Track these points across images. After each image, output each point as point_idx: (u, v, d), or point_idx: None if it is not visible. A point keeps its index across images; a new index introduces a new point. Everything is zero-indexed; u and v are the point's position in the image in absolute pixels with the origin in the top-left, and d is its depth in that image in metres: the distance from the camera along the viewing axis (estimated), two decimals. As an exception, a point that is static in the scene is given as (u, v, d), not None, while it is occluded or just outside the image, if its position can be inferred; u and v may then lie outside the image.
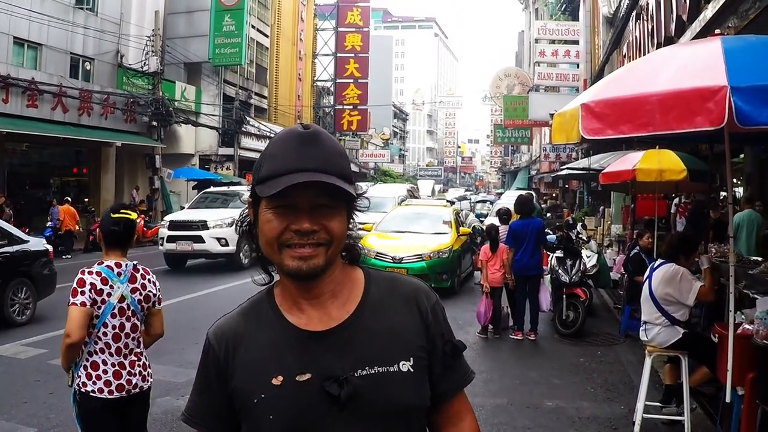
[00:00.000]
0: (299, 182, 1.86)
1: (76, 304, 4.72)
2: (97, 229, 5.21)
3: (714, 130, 5.00)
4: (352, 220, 2.09)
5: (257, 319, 2.10)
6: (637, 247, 13.20)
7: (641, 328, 8.12)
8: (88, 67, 34.14)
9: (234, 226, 18.13)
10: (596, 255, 15.58)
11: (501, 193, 62.13)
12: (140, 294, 5.09)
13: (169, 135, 37.36)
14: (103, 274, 4.88)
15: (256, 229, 2.05)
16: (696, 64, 5.38)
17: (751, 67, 5.16)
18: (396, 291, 2.16)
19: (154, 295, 5.26)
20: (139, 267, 5.20)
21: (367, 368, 2.00)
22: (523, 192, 25.15)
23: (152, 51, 35.54)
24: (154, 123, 35.36)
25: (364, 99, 65.80)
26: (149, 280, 5.23)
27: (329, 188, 1.91)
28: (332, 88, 67.86)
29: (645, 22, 17.12)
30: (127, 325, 4.98)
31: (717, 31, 7.21)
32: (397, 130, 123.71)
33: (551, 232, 20.29)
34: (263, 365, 2.02)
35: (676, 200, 18.27)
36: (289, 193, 1.88)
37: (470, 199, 49.27)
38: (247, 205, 2.11)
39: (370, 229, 19.50)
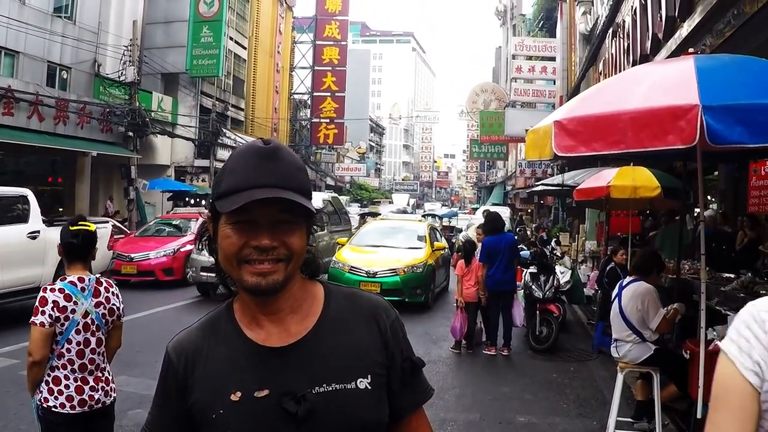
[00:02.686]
0: (259, 198, 1.86)
1: (36, 324, 4.68)
2: (59, 244, 5.13)
3: (686, 148, 5.05)
4: (311, 235, 2.09)
5: (216, 333, 2.09)
6: (612, 263, 13.26)
7: (612, 345, 8.16)
8: (65, 76, 33.92)
9: None
10: (570, 271, 15.63)
11: (476, 208, 62.12)
12: (104, 308, 5.05)
13: (145, 146, 37.14)
14: (67, 291, 4.82)
15: (216, 244, 2.04)
16: (669, 83, 5.43)
17: (724, 86, 5.20)
18: (355, 307, 2.16)
19: (118, 308, 5.21)
20: (102, 280, 5.16)
21: (324, 385, 2.00)
22: (491, 209, 25.22)
23: (130, 61, 35.30)
24: (130, 133, 35.08)
25: (341, 112, 65.79)
26: (113, 293, 5.18)
27: (289, 204, 1.91)
28: (309, 101, 67.84)
29: (621, 40, 17.26)
30: (92, 341, 4.94)
31: (691, 50, 7.27)
32: (373, 144, 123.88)
33: (525, 248, 20.36)
34: (222, 381, 2.01)
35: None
36: (249, 209, 1.87)
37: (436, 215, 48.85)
38: (206, 220, 2.10)
39: (345, 243, 19.53)
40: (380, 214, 32.11)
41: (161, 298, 18.31)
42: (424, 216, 37.60)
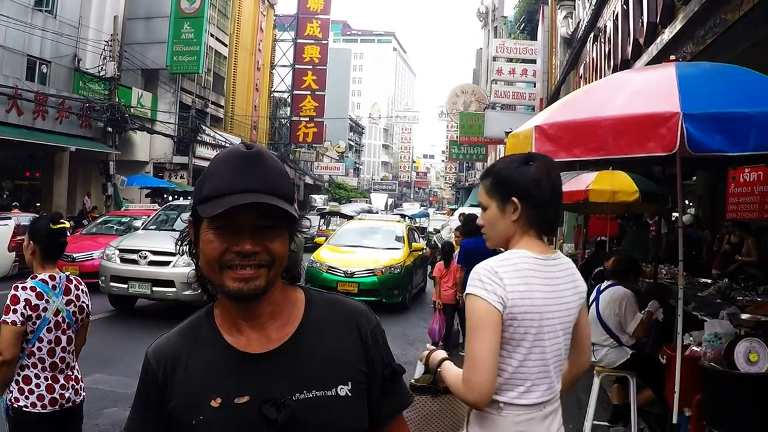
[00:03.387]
0: (242, 203, 1.86)
1: (8, 323, 4.63)
2: (29, 243, 5.03)
3: (666, 155, 5.07)
4: (293, 241, 2.08)
5: (196, 339, 2.08)
6: (602, 267, 13.28)
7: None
8: (44, 70, 33.72)
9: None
10: (547, 274, 15.66)
11: (454, 209, 62.13)
12: (75, 306, 5.01)
13: (124, 141, 37.01)
14: (38, 289, 4.78)
15: (197, 249, 2.03)
16: (650, 90, 5.44)
17: (704, 94, 5.22)
18: (336, 313, 2.16)
19: (88, 306, 5.18)
20: (72, 277, 5.12)
21: (305, 392, 2.00)
22: (469, 210, 25.20)
23: (110, 56, 35.18)
24: (110, 129, 35.00)
25: (321, 111, 65.73)
26: (82, 291, 5.15)
27: (272, 209, 1.90)
28: (289, 100, 67.72)
29: (602, 44, 17.28)
30: (63, 339, 4.90)
31: (672, 57, 7.30)
32: (352, 144, 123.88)
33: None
34: (202, 387, 2.00)
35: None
36: (231, 214, 1.87)
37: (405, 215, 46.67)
38: (187, 224, 2.09)
39: (323, 243, 19.52)
40: (342, 213, 32.14)
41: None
42: None
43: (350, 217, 31.77)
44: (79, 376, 5.12)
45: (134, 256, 15.36)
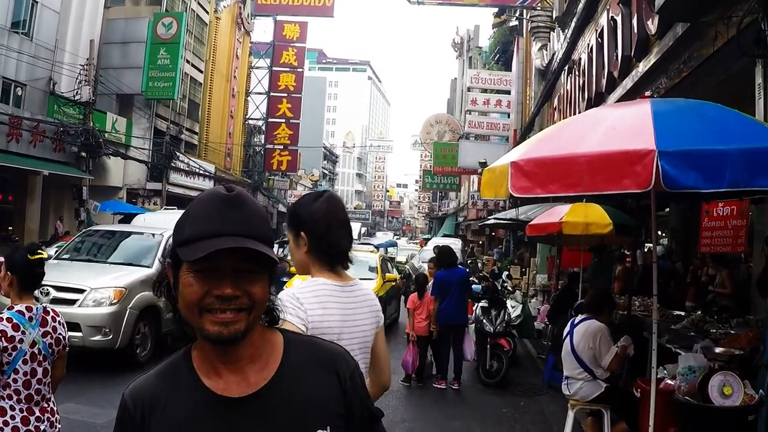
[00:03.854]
0: (224, 248, 1.86)
1: None
2: (6, 274, 4.98)
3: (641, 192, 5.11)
4: (272, 285, 2.07)
5: (174, 381, 2.06)
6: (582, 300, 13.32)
7: (563, 382, 8.21)
8: (19, 93, 33.43)
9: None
10: (521, 305, 15.73)
11: (427, 239, 62.13)
12: (51, 338, 4.94)
13: (98, 166, 36.75)
14: (15, 320, 4.73)
15: (175, 291, 2.01)
16: (625, 127, 5.48)
17: (679, 131, 5.27)
18: (315, 356, 2.14)
19: (64, 338, 5.12)
20: (49, 309, 5.08)
21: None
22: (442, 240, 25.23)
23: (85, 80, 34.98)
24: (83, 153, 34.74)
25: (295, 139, 65.67)
26: (59, 323, 5.09)
27: (253, 253, 1.90)
28: (264, 127, 67.64)
29: (576, 77, 17.40)
30: (39, 371, 4.83)
31: (647, 93, 7.38)
32: (326, 172, 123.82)
33: (476, 281, 20.44)
34: (180, 430, 1.98)
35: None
36: (212, 258, 1.86)
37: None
38: (166, 267, 2.07)
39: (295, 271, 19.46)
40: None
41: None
42: None
43: None
44: (55, 408, 5.06)
45: (35, 292, 13.67)
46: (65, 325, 5.20)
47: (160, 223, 18.18)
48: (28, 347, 4.75)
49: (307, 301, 3.40)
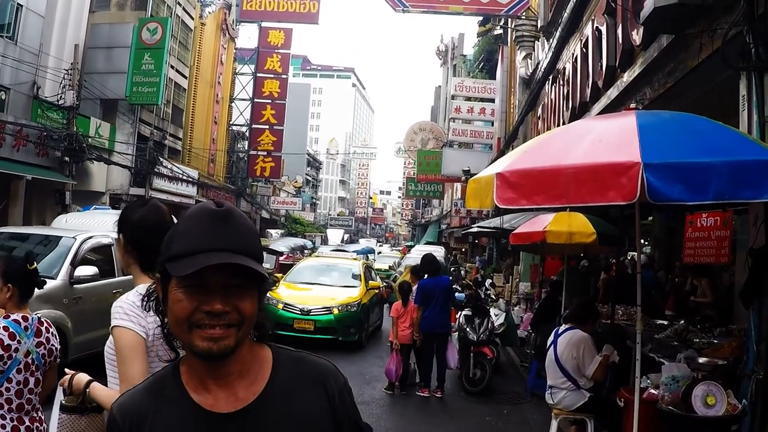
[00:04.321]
0: (213, 263, 1.86)
1: None
2: (6, 286, 4.97)
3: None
4: (262, 300, 2.07)
5: (163, 396, 2.04)
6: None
7: (547, 391, 8.24)
8: (2, 97, 33.16)
9: None
10: (504, 314, 15.75)
11: (411, 246, 62.07)
12: (44, 348, 4.93)
13: (81, 171, 36.53)
14: (11, 329, 4.70)
15: (165, 306, 2.01)
16: (611, 139, 5.51)
17: (664, 143, 5.30)
18: (303, 372, 2.14)
19: (56, 348, 5.11)
20: (43, 320, 5.07)
21: None
22: (424, 247, 25.24)
23: (69, 85, 34.82)
24: (67, 158, 34.57)
25: (279, 146, 65.54)
26: (52, 334, 5.08)
27: (242, 269, 1.90)
28: (247, 133, 67.50)
29: (561, 86, 17.43)
30: (31, 381, 4.82)
31: (632, 105, 7.42)
32: (309, 179, 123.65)
33: (460, 289, 20.47)
34: None
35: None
36: (202, 273, 1.86)
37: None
38: (154, 282, 2.08)
39: (280, 279, 19.44)
40: (271, 249, 31.98)
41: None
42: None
43: (280, 254, 31.72)
44: (43, 418, 5.05)
45: None
46: (57, 337, 5.19)
47: (86, 225, 15.40)
48: (22, 357, 4.74)
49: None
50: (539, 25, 23.52)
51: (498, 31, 41.32)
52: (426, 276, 13.61)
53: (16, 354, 4.70)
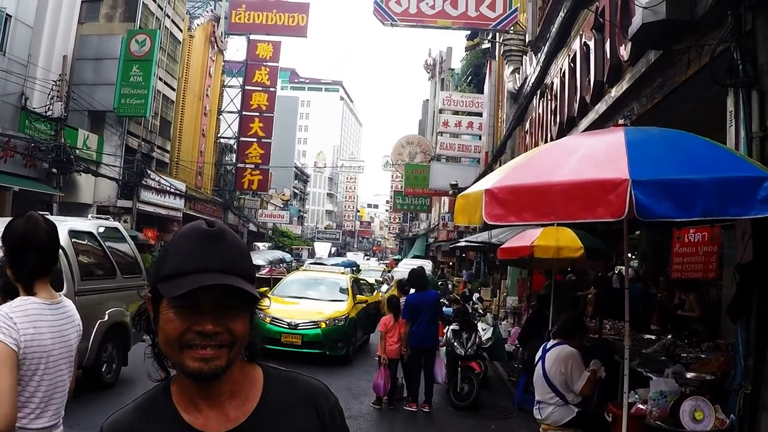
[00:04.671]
0: (205, 284, 1.84)
1: None
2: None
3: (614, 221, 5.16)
4: (253, 320, 2.05)
5: (153, 416, 2.03)
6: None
7: (535, 407, 8.23)
8: (-10, 107, 33.28)
9: None
10: (492, 328, 15.74)
11: (398, 260, 62.03)
12: None
13: (69, 183, 36.44)
14: None
15: (156, 326, 1.99)
16: (599, 156, 5.53)
17: (653, 160, 5.32)
18: (295, 392, 2.13)
19: None
20: None
21: None
22: (416, 265, 25.21)
23: (57, 96, 34.75)
24: (54, 170, 34.50)
25: (267, 159, 65.56)
26: None
27: (235, 290, 1.89)
28: (235, 146, 67.48)
29: (549, 101, 17.48)
30: None
31: (621, 122, 7.44)
32: (297, 192, 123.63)
33: (447, 303, 20.46)
34: None
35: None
36: (194, 294, 1.84)
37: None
38: (145, 301, 2.05)
39: (267, 293, 19.36)
40: None
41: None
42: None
43: (258, 267, 31.60)
44: None
45: None
46: None
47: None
48: None
49: (20, 321, 3.55)
50: (527, 40, 23.61)
51: (486, 45, 41.41)
52: (413, 290, 13.59)
53: None
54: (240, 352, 2.01)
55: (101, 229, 13.36)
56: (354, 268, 42.95)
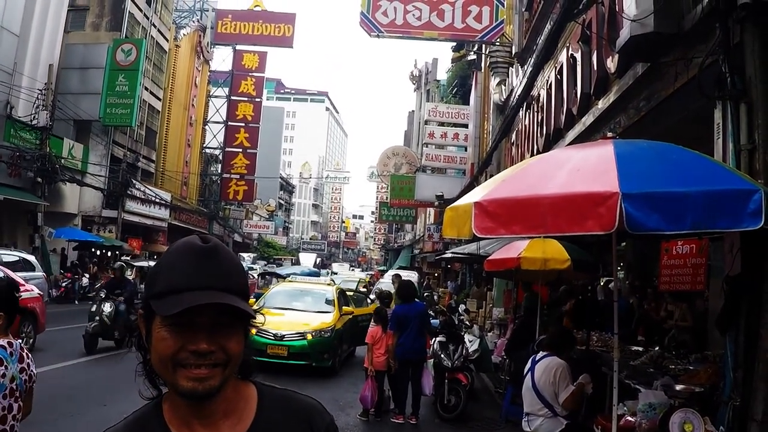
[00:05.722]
0: (200, 303, 1.81)
1: None
2: None
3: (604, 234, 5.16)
4: (247, 338, 2.01)
5: None
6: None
7: (524, 419, 8.21)
8: (-25, 116, 33.15)
9: None
10: (478, 340, 15.73)
11: (384, 271, 61.95)
12: (26, 374, 4.90)
13: (54, 193, 36.37)
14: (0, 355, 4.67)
15: (148, 344, 1.95)
16: (589, 169, 5.53)
17: (642, 173, 5.32)
18: (289, 410, 2.10)
19: (34, 374, 5.08)
20: (23, 346, 5.04)
21: None
22: (396, 272, 25.17)
23: (43, 105, 34.71)
24: (39, 179, 34.43)
25: (252, 169, 65.61)
26: (31, 359, 5.06)
27: (229, 307, 1.85)
28: (221, 156, 67.48)
29: (535, 113, 17.50)
30: (15, 407, 4.75)
31: (609, 134, 7.46)
32: (282, 202, 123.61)
33: (434, 315, 20.44)
34: None
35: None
36: (188, 312, 1.80)
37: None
38: (138, 318, 2.01)
39: (253, 304, 19.31)
40: None
41: (64, 353, 17.67)
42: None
43: None
44: None
45: None
46: (34, 361, 5.14)
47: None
48: (8, 383, 4.69)
49: None
50: (514, 52, 23.69)
51: (472, 56, 41.48)
52: (401, 302, 13.57)
53: (3, 380, 4.65)
54: (234, 371, 1.96)
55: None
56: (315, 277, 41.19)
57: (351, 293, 24.08)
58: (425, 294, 35.98)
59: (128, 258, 37.26)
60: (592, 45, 11.85)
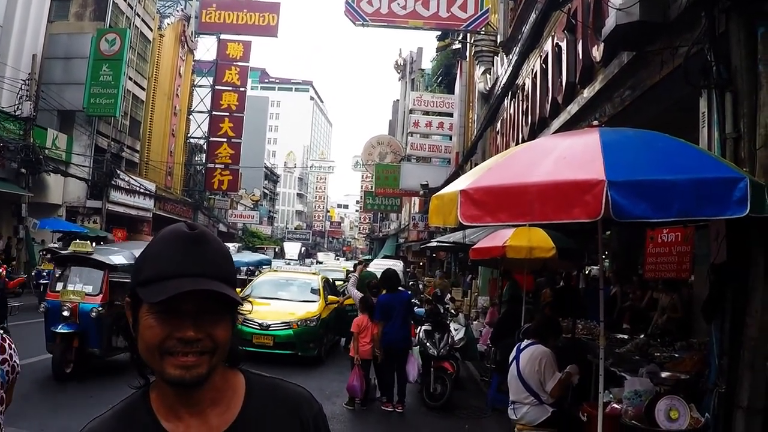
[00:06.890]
0: (187, 290, 1.80)
1: None
2: None
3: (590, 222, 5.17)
4: (234, 325, 2.00)
5: (132, 424, 1.96)
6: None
7: (510, 407, 8.24)
8: (-42, 107, 32.98)
9: None
10: (464, 328, 15.75)
11: (368, 260, 61.91)
12: (8, 365, 4.87)
13: (38, 183, 36.18)
14: None
15: (134, 332, 1.92)
16: (575, 156, 5.53)
17: (628, 161, 5.33)
18: (277, 399, 2.09)
19: (18, 365, 5.05)
20: (5, 336, 5.01)
21: None
22: (386, 264, 25.13)
23: (26, 95, 34.53)
24: (23, 170, 34.26)
25: (237, 159, 65.45)
26: (14, 349, 5.02)
27: (216, 295, 1.84)
28: (205, 146, 67.29)
29: (520, 102, 17.52)
30: None
31: (595, 123, 7.46)
32: (267, 192, 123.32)
33: (419, 304, 20.47)
34: None
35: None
36: (174, 299, 1.79)
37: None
38: (125, 305, 1.99)
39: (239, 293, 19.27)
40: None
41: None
42: None
43: None
44: None
45: None
46: (17, 352, 5.10)
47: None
48: None
49: None
50: (499, 41, 23.67)
51: (457, 45, 41.48)
52: (384, 291, 13.58)
53: None
54: (222, 359, 1.95)
55: None
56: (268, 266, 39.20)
57: (340, 283, 24.11)
58: (410, 283, 35.99)
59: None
60: (577, 34, 11.85)
